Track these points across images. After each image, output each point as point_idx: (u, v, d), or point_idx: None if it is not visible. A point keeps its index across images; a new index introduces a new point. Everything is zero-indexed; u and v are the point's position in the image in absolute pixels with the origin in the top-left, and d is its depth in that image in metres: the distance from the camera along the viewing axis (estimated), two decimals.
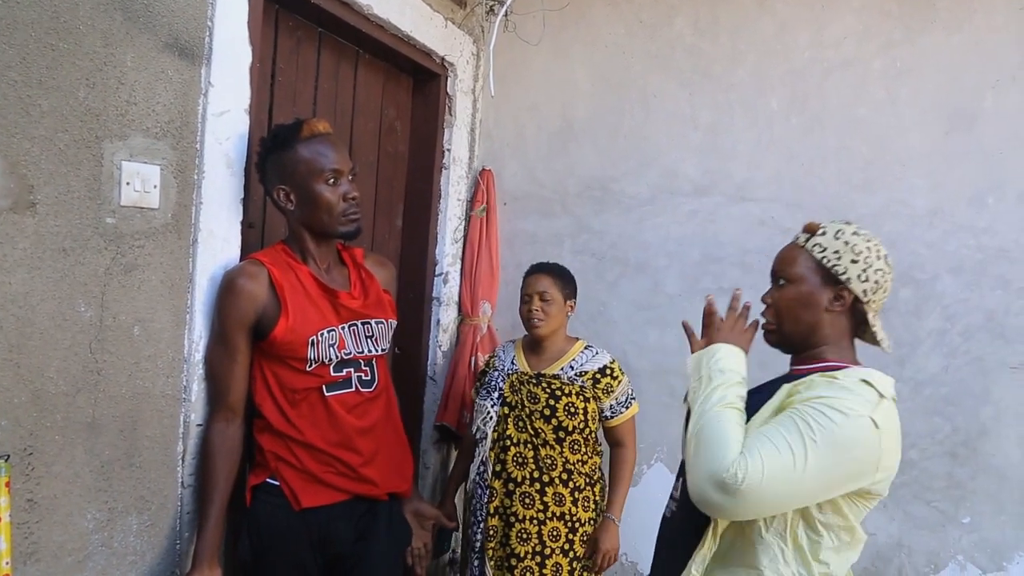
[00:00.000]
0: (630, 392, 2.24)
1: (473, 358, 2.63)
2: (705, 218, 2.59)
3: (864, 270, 1.31)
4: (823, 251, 1.34)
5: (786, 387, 1.31)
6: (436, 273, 2.66)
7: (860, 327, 1.39)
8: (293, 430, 1.61)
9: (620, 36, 2.68)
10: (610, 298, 2.72)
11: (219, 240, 1.65)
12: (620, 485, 2.22)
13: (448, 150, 2.65)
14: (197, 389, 1.62)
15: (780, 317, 1.39)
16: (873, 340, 1.39)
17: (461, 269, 2.78)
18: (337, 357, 1.64)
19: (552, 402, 2.11)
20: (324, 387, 1.64)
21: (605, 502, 2.21)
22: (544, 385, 2.14)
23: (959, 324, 2.33)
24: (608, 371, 2.19)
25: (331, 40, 2.21)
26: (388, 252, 2.59)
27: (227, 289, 1.59)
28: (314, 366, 1.62)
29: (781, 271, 1.39)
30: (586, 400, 2.13)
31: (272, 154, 1.64)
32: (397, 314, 1.83)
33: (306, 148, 1.62)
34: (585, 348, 2.24)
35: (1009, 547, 2.27)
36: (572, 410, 2.11)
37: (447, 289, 2.70)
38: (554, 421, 2.10)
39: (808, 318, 1.34)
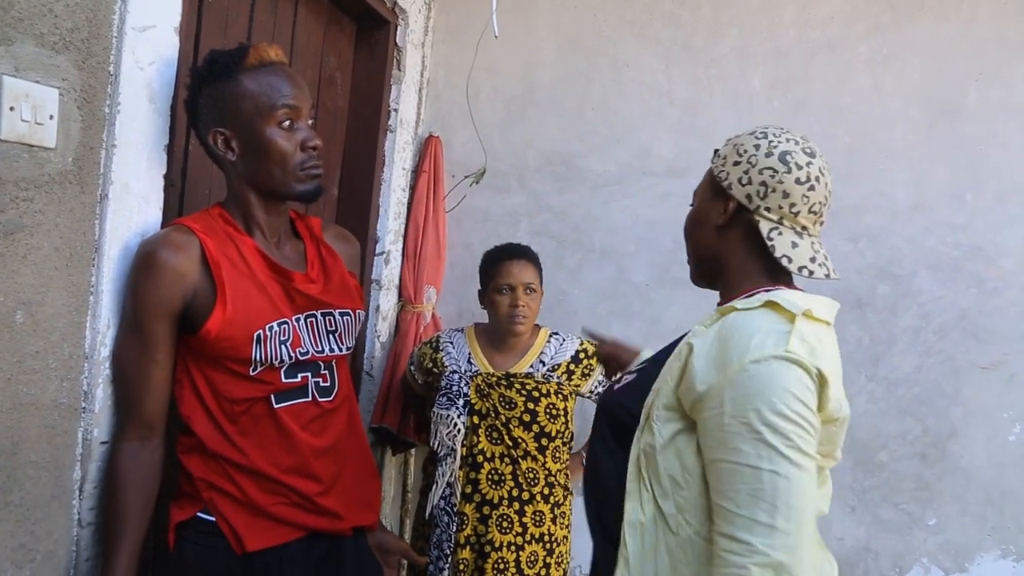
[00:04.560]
0: None
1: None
2: (679, 202, 2.30)
3: (746, 171, 1.06)
4: (715, 160, 1.14)
5: (681, 346, 1.04)
6: (376, 252, 2.30)
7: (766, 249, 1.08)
8: (234, 451, 1.23)
9: None
10: (570, 286, 2.46)
11: (136, 198, 1.24)
12: None
13: (395, 110, 2.29)
14: (102, 396, 1.21)
15: (687, 245, 1.20)
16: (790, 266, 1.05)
17: (403, 249, 2.43)
18: (291, 358, 1.28)
19: (531, 406, 1.82)
20: (273, 396, 1.27)
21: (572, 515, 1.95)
22: (518, 387, 1.85)
23: (934, 322, 2.27)
24: (581, 354, 1.94)
25: None
26: None
27: (144, 264, 1.19)
28: (260, 370, 1.25)
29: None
30: (564, 399, 1.87)
31: (208, 87, 1.25)
32: (362, 302, 1.48)
33: (253, 80, 1.24)
34: (551, 336, 1.98)
35: (972, 548, 2.24)
36: (554, 412, 1.84)
37: (388, 271, 2.34)
38: (535, 428, 1.82)
39: (700, 239, 1.16)
